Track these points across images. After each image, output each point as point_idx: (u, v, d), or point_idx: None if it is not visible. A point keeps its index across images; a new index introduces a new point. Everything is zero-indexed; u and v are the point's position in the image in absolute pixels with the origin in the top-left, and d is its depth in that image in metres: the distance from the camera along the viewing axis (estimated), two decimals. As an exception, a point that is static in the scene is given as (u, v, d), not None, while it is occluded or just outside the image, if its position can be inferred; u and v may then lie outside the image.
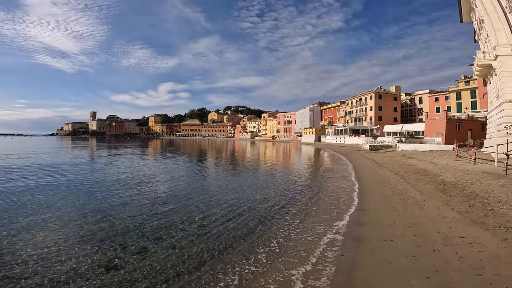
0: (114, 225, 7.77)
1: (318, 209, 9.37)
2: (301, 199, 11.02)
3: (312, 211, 9.12)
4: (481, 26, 29.36)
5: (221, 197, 11.40)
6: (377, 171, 17.27)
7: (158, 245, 6.43)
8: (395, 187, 11.48)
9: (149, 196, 11.47)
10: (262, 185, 14.44)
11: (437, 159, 19.93)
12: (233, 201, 10.68)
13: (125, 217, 8.48)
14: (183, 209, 9.46)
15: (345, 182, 14.66)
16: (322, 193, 12.11)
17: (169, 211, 9.22)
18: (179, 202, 10.43)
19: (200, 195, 11.76)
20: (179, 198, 11.12)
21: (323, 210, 9.18)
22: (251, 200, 10.86)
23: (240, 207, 9.79)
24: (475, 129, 40.75)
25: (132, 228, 7.52)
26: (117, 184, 14.24)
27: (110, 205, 9.82)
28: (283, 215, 8.76)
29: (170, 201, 10.68)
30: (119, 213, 8.89)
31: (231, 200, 10.93)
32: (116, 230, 7.40)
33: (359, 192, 11.40)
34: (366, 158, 26.90)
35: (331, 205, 9.89)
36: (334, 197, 11.04)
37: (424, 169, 15.42)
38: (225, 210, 9.46)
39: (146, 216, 8.63)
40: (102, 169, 21.61)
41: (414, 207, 8.29)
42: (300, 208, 9.56)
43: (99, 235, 7.02)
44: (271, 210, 9.41)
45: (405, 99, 77.17)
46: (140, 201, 10.48)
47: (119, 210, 9.19)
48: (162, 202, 10.41)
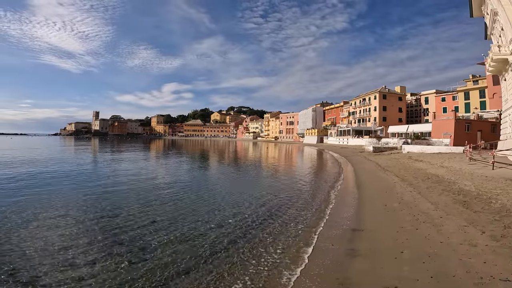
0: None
1: (301, 226, 7.46)
2: (283, 214, 8.94)
3: (290, 228, 7.19)
4: (495, 19, 27.22)
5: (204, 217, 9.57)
6: (381, 176, 15.27)
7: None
8: (402, 197, 9.52)
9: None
10: (238, 198, 12.51)
11: (448, 162, 17.88)
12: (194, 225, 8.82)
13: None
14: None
15: (342, 189, 12.70)
16: (314, 203, 10.19)
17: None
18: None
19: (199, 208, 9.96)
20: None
21: (306, 229, 7.27)
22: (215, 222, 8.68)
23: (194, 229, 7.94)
24: (485, 130, 38.50)
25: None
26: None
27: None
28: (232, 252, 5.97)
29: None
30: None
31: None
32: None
33: (358, 204, 9.44)
34: (369, 161, 24.88)
35: (318, 221, 7.96)
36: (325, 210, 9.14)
37: (435, 174, 13.42)
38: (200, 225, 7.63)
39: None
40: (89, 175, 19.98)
41: (428, 228, 6.37)
42: (274, 228, 7.49)
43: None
44: (233, 238, 6.79)
45: (410, 99, 74.77)
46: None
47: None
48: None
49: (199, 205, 10.02)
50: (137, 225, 7.58)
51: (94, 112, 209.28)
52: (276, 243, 6.35)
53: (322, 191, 12.50)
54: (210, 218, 8.31)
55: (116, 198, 10.82)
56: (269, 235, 6.89)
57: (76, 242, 6.36)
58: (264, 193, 12.35)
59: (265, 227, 7.53)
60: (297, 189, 13.25)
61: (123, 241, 6.51)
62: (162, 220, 8.05)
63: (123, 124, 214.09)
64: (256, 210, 9.22)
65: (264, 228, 7.44)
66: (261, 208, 9.51)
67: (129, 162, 26.73)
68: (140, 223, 7.70)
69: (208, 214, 8.80)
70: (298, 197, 11.33)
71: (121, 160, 28.22)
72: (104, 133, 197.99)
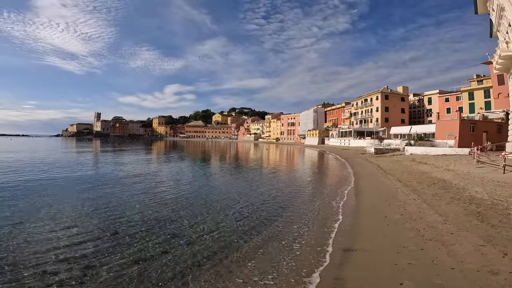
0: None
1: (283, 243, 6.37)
2: (262, 230, 7.40)
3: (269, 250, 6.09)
4: (501, 15, 26.03)
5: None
6: (382, 180, 14.11)
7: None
8: (405, 206, 8.40)
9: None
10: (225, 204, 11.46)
11: (454, 165, 16.72)
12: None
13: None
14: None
15: (338, 196, 11.57)
16: (305, 215, 9.06)
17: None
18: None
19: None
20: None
21: (285, 247, 6.17)
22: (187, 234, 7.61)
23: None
24: (491, 131, 37.22)
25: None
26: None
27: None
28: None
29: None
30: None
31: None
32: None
33: (353, 215, 8.28)
34: (370, 163, 23.74)
35: (304, 242, 6.60)
36: (315, 222, 8.01)
37: (441, 178, 12.27)
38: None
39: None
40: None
41: (436, 248, 5.27)
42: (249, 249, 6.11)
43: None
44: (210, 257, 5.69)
45: (413, 99, 73.47)
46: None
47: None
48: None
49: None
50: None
51: (96, 113, 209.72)
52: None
53: (316, 199, 11.27)
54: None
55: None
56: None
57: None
58: (249, 201, 11.29)
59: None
60: (287, 196, 12.00)
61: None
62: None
63: (125, 125, 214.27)
64: (233, 224, 8.14)
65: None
66: (239, 222, 8.42)
67: (131, 164, 25.38)
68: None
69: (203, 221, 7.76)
70: (287, 206, 10.20)
71: (124, 164, 26.40)
72: (105, 134, 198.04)
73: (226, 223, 7.92)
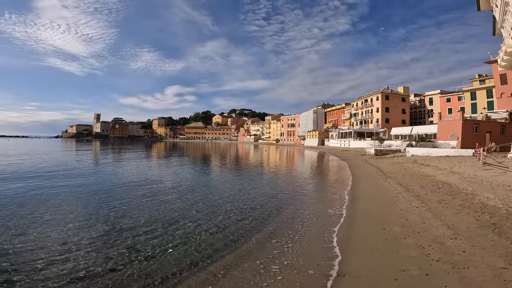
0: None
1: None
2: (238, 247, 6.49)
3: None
4: (506, 10, 24.97)
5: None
6: (382, 184, 13.03)
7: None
8: (407, 215, 7.34)
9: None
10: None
11: (459, 167, 15.67)
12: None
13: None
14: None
15: (333, 203, 10.49)
16: (292, 226, 8.00)
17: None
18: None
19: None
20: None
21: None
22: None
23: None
24: (495, 131, 36.11)
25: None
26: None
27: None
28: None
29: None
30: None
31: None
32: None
33: (348, 227, 7.20)
34: (370, 165, 22.67)
35: (287, 264, 5.53)
36: (303, 236, 6.92)
37: (446, 182, 11.22)
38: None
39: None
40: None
41: (446, 273, 4.23)
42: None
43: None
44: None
45: (414, 100, 72.39)
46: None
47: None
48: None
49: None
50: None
51: (95, 115, 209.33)
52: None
53: (308, 206, 10.14)
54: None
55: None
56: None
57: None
58: (236, 207, 10.28)
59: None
60: (278, 203, 10.90)
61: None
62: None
63: (124, 126, 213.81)
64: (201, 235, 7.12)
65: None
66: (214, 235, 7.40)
67: (131, 168, 24.22)
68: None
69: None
70: (275, 215, 9.11)
71: (123, 167, 25.30)
72: (105, 135, 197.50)
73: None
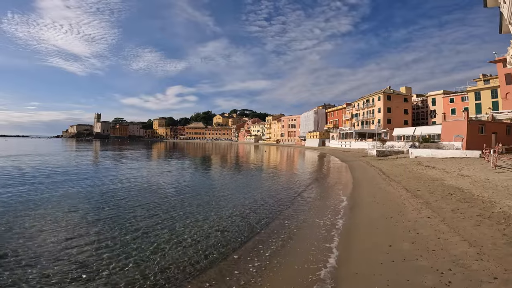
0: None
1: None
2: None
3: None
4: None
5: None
6: (385, 188, 12.02)
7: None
8: (417, 228, 6.33)
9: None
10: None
11: (468, 169, 14.66)
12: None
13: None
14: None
15: (329, 212, 9.45)
16: (278, 235, 7.00)
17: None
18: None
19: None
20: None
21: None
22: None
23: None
24: (501, 132, 35.08)
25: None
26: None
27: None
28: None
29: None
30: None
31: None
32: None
33: (344, 240, 6.17)
34: (372, 167, 21.66)
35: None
36: (288, 253, 5.94)
37: (457, 187, 10.22)
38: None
39: None
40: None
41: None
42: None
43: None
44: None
45: (416, 100, 71.33)
46: None
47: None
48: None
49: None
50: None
51: (96, 115, 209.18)
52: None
53: (300, 216, 9.04)
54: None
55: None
56: None
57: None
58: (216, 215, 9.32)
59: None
60: (268, 212, 9.83)
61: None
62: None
63: (125, 126, 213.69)
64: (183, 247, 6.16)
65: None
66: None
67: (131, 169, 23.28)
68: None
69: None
70: (263, 226, 8.16)
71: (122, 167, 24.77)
72: (105, 135, 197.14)
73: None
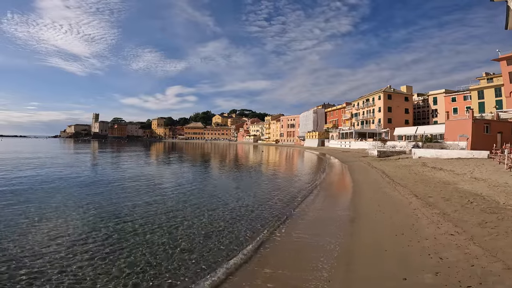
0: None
1: None
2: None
3: None
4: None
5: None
6: (391, 194, 10.55)
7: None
8: (438, 249, 4.89)
9: None
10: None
11: (480, 172, 13.29)
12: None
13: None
14: None
15: (326, 223, 7.97)
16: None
17: None
18: None
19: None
20: None
21: None
22: None
23: None
24: (506, 131, 33.82)
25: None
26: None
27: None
28: None
29: None
30: None
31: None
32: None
33: (343, 271, 4.70)
34: (373, 168, 20.28)
35: None
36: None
37: (475, 193, 8.84)
38: None
39: None
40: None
41: None
42: None
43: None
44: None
45: (417, 100, 70.05)
46: None
47: None
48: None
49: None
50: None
51: (94, 115, 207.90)
52: None
53: (295, 234, 7.62)
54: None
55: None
56: None
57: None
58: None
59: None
60: (244, 231, 8.51)
61: None
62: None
63: (123, 126, 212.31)
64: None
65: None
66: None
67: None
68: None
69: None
70: (234, 251, 6.80)
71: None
72: (103, 135, 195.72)
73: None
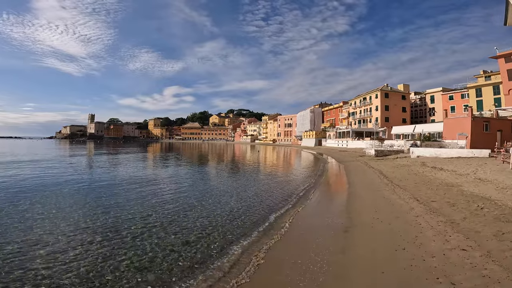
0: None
1: None
2: None
3: None
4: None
5: None
6: (389, 198, 9.66)
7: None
8: (448, 270, 3.98)
9: None
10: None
11: (483, 172, 12.47)
12: None
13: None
14: None
15: (312, 239, 6.96)
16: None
17: None
18: None
19: None
20: None
21: None
22: None
23: None
24: (506, 129, 33.20)
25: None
26: None
27: None
28: None
29: None
30: None
31: None
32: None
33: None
34: (370, 168, 19.44)
35: None
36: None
37: (483, 196, 8.00)
38: None
39: None
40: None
41: None
42: None
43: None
44: None
45: (414, 98, 69.55)
46: None
47: None
48: None
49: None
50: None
51: (90, 115, 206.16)
52: None
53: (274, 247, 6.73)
54: None
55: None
56: None
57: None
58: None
59: None
60: (227, 239, 7.66)
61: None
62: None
63: (119, 127, 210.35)
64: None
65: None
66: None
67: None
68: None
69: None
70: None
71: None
72: (99, 136, 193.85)
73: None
